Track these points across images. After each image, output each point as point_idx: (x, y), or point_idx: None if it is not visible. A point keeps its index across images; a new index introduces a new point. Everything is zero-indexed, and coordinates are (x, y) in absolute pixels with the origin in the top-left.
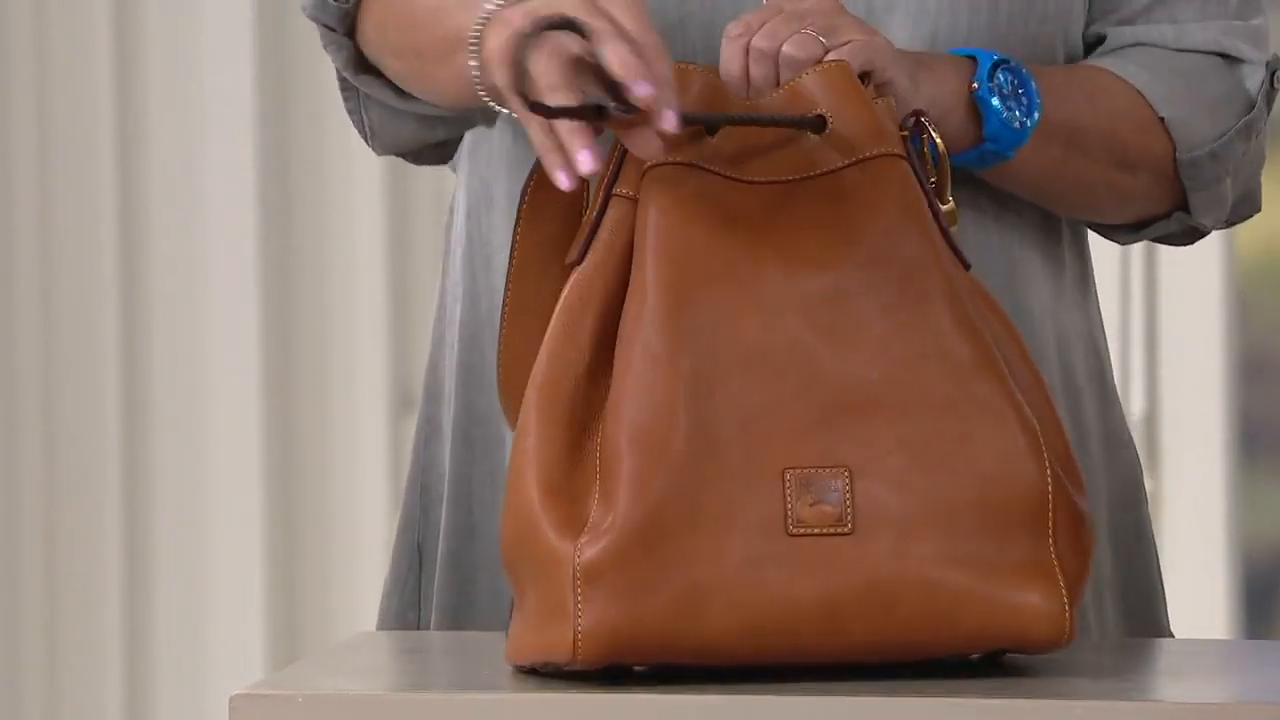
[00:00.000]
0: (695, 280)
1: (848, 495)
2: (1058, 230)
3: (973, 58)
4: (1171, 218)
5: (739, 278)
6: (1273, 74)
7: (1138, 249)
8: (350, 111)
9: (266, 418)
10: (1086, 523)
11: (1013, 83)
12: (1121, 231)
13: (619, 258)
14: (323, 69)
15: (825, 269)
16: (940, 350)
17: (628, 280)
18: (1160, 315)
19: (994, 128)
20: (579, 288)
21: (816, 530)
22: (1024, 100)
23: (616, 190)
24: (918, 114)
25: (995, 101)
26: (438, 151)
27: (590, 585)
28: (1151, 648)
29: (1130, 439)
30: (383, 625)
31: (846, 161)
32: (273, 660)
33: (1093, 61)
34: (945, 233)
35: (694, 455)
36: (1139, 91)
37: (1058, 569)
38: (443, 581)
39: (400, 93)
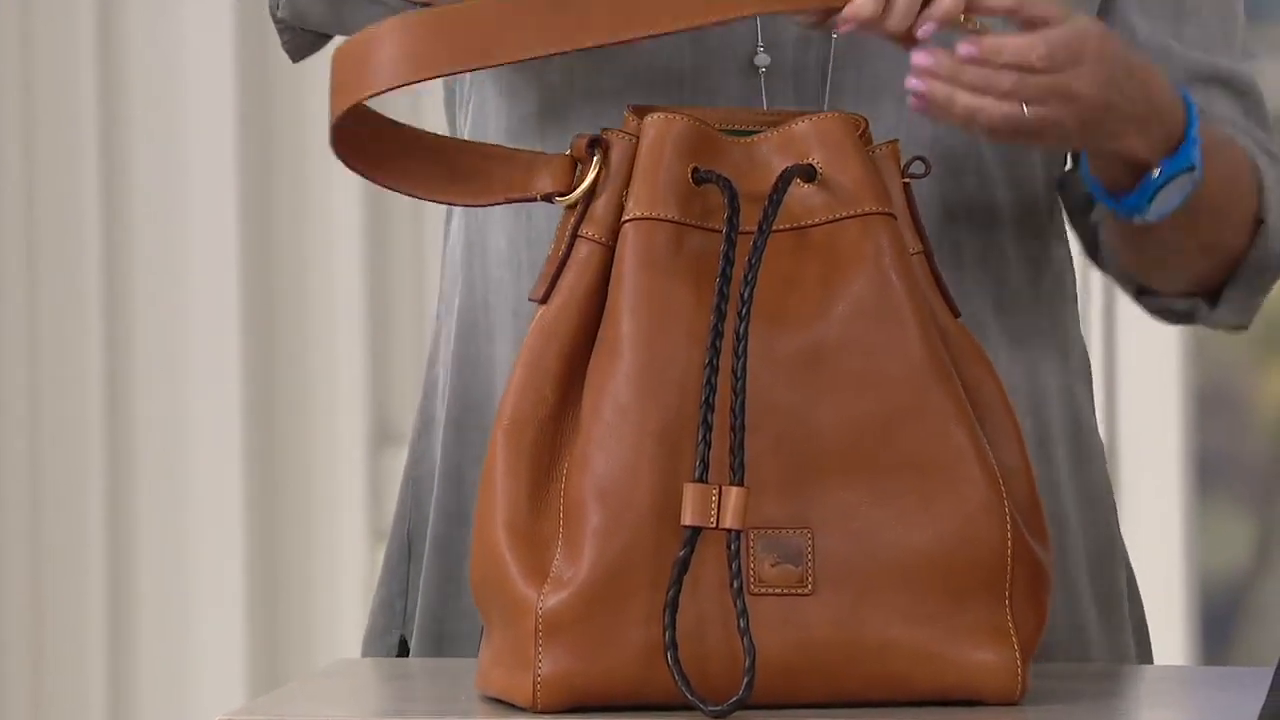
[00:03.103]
0: (668, 337)
1: (809, 555)
2: (1037, 284)
3: (1185, 134)
4: (1187, 298)
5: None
6: None
7: (1096, 284)
8: None
9: (247, 449)
10: (1044, 576)
11: (1183, 184)
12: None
13: (581, 299)
14: (303, 97)
15: (803, 326)
16: (913, 407)
17: (589, 322)
18: (1118, 349)
19: (1130, 202)
20: (543, 330)
21: (778, 590)
22: (1174, 198)
23: (582, 232)
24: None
25: (1154, 194)
26: (318, 40)
27: (551, 636)
28: (1112, 675)
29: (1109, 494)
30: (372, 615)
31: (832, 217)
32: (254, 687)
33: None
34: (939, 281)
35: (658, 512)
36: (1260, 187)
37: (1012, 628)
38: (430, 566)
39: None
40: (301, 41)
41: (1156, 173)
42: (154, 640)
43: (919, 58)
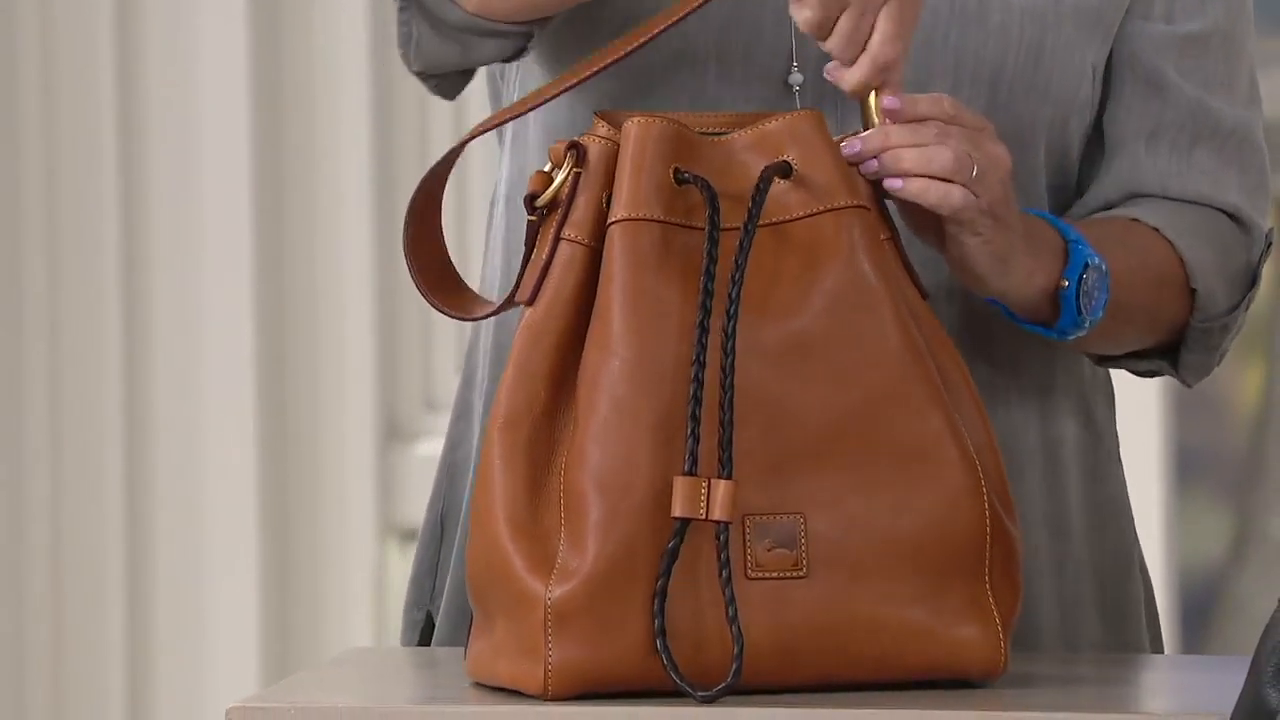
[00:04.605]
0: (660, 333)
1: (802, 540)
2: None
3: (1065, 240)
4: (1148, 358)
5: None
6: (1268, 245)
7: None
8: (401, 24)
9: (260, 444)
10: (1017, 552)
11: (1094, 280)
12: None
13: (567, 299)
14: (316, 98)
15: (786, 317)
16: (893, 394)
17: (577, 321)
18: None
19: (1064, 324)
20: (531, 330)
21: (774, 574)
22: (1096, 296)
23: (565, 235)
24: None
25: (1076, 304)
26: (461, 78)
27: (560, 626)
28: (1094, 662)
29: (1126, 511)
30: (408, 588)
31: (810, 211)
32: (266, 676)
33: (1139, 210)
34: (909, 268)
35: (657, 501)
36: (1182, 259)
37: (993, 604)
38: (460, 551)
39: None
40: (447, 83)
41: (1065, 283)
42: (170, 630)
43: (848, 147)
